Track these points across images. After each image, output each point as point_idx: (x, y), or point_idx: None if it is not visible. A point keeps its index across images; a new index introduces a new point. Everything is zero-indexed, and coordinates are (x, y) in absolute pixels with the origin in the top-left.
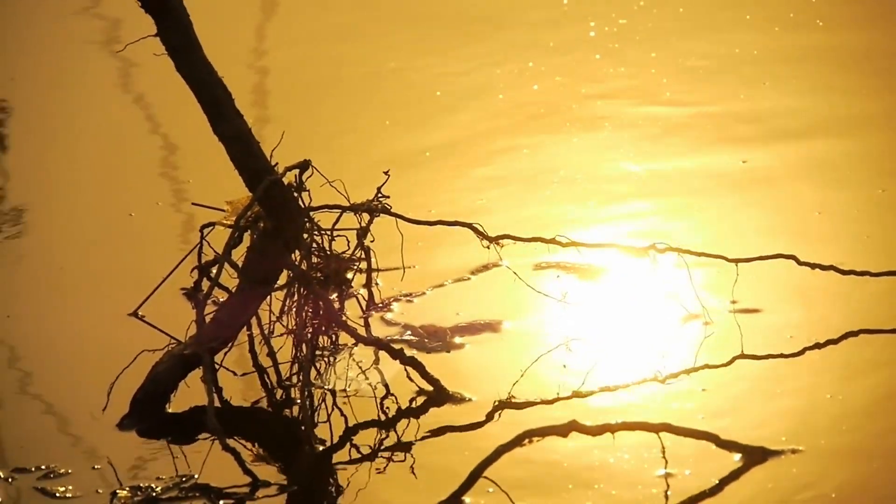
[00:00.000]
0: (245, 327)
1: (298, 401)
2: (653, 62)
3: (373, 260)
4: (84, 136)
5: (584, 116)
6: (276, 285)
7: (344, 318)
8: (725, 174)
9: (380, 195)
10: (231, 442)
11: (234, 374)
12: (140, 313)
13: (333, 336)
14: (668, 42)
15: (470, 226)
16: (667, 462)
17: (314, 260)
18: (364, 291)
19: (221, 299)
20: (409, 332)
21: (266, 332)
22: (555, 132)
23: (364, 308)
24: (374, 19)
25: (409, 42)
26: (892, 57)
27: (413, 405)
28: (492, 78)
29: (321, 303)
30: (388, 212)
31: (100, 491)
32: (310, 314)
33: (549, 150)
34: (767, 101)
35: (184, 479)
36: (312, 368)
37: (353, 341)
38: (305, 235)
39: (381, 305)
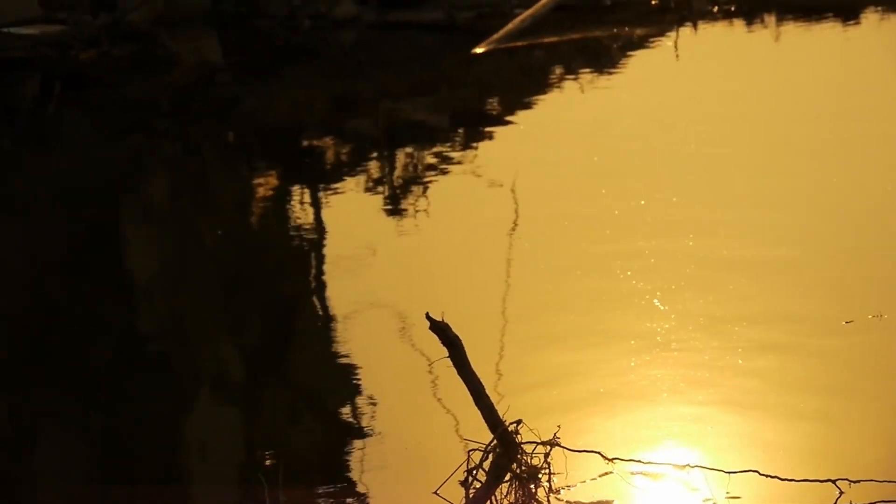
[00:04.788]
0: (489, 501)
1: None
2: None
3: (551, 467)
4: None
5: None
6: (503, 481)
7: (536, 497)
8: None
9: (556, 436)
10: None
11: None
12: (439, 493)
13: None
14: None
15: (598, 452)
16: None
17: (522, 467)
18: (547, 483)
19: (477, 486)
20: None
21: (497, 503)
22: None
23: (547, 492)
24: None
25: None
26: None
27: None
28: None
29: (525, 489)
30: (559, 445)
31: None
32: (519, 495)
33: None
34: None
35: None
36: None
37: None
38: (518, 455)
39: (556, 491)
